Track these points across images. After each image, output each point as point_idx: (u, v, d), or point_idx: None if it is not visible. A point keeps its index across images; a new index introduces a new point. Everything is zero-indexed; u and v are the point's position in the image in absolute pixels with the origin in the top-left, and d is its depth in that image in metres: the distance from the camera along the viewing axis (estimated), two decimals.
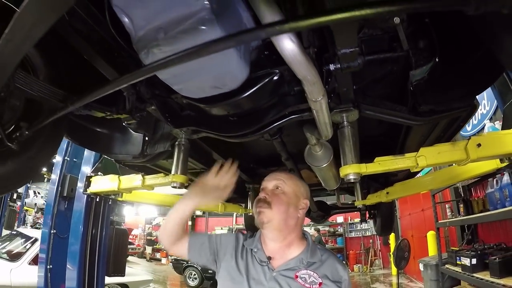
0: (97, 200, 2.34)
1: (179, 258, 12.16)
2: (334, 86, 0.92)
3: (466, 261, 3.71)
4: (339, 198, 3.32)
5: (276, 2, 0.61)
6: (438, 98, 0.98)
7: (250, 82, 0.85)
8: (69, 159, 2.71)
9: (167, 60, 0.47)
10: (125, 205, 3.01)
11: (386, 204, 3.06)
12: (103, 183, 2.13)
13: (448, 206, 5.61)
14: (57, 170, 2.66)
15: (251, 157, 2.01)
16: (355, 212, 4.90)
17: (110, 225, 2.54)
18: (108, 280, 2.54)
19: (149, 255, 14.80)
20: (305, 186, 1.22)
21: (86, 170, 2.45)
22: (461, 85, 0.96)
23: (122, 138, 1.46)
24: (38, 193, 14.32)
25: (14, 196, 11.49)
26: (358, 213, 5.18)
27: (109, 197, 2.37)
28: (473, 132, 5.18)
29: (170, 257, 14.08)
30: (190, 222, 15.38)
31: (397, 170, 1.43)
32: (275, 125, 1.01)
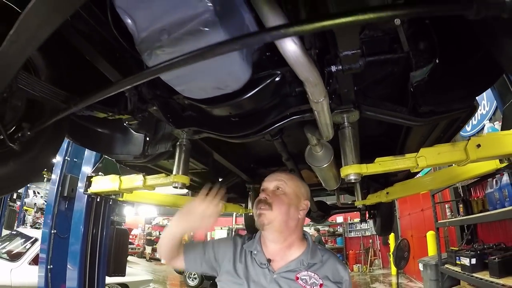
0: (97, 200, 2.34)
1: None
2: (335, 87, 0.93)
3: (465, 261, 3.72)
4: (339, 198, 3.32)
5: (278, 3, 0.62)
6: (438, 99, 0.98)
7: (252, 83, 0.85)
8: (69, 159, 2.70)
9: (173, 62, 0.47)
10: (125, 205, 3.00)
11: (386, 204, 3.06)
12: (104, 183, 2.12)
13: (447, 206, 5.62)
14: (57, 170, 2.65)
15: (252, 157, 2.01)
16: (355, 212, 4.90)
17: (110, 225, 2.54)
18: (108, 280, 2.53)
19: (148, 255, 14.78)
20: (305, 186, 1.21)
21: (86, 170, 2.44)
22: (461, 86, 0.96)
23: (123, 138, 1.45)
24: (38, 193, 14.28)
25: (14, 196, 11.46)
26: (357, 213, 5.19)
27: (109, 197, 2.37)
28: (472, 132, 5.18)
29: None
30: None
31: (397, 170, 1.43)
32: (277, 125, 1.02)
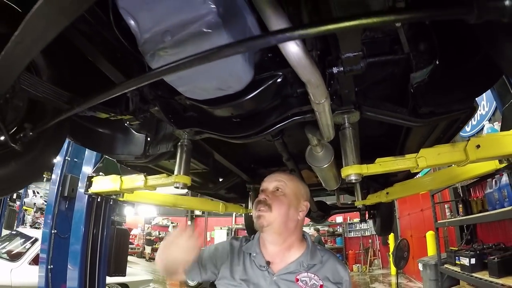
0: (98, 200, 2.34)
1: None
2: (336, 88, 0.93)
3: (465, 261, 3.72)
4: (339, 198, 3.32)
5: (280, 6, 0.62)
6: (438, 100, 0.99)
7: (254, 84, 0.86)
8: (69, 159, 2.70)
9: (178, 63, 0.48)
10: (125, 205, 3.01)
11: (385, 204, 3.07)
12: (105, 184, 2.12)
13: (447, 206, 5.63)
14: (57, 170, 2.65)
15: (252, 157, 2.01)
16: (355, 212, 4.91)
17: (111, 225, 2.54)
18: (108, 280, 2.53)
19: (148, 255, 14.76)
20: (305, 187, 1.19)
21: (87, 170, 2.44)
22: (461, 87, 0.96)
23: (124, 138, 1.45)
24: (37, 192, 14.27)
25: (14, 195, 11.44)
26: (357, 213, 5.19)
27: (110, 197, 2.37)
28: (472, 132, 5.19)
29: None
30: (189, 222, 15.35)
31: (397, 170, 1.43)
32: (278, 126, 1.02)
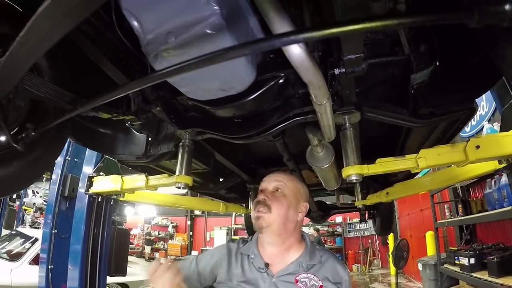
0: (99, 200, 2.34)
1: (178, 258, 12.13)
2: (337, 89, 0.94)
3: (464, 260, 3.73)
4: (339, 198, 3.33)
5: (282, 7, 0.62)
6: (438, 101, 1.00)
7: (256, 84, 0.86)
8: (70, 159, 2.70)
9: (184, 65, 0.48)
10: (126, 205, 3.01)
11: (385, 204, 3.08)
12: (106, 184, 2.12)
13: (446, 206, 5.64)
14: (58, 170, 2.65)
15: (253, 157, 2.01)
16: (355, 212, 4.92)
17: (111, 225, 2.54)
18: (107, 280, 2.53)
19: (148, 255, 14.77)
20: (305, 188, 1.18)
21: (87, 170, 2.44)
22: (461, 88, 0.97)
23: (125, 138, 1.45)
24: (37, 192, 14.26)
25: (13, 195, 11.43)
26: (357, 213, 5.21)
27: (111, 197, 2.38)
28: (472, 133, 5.21)
29: (169, 256, 14.06)
30: (189, 222, 15.36)
31: (397, 171, 1.44)
32: (280, 127, 1.02)
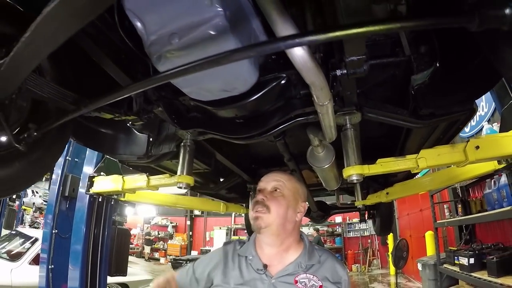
0: (99, 200, 2.34)
1: (178, 258, 12.12)
2: (339, 90, 0.94)
3: (464, 260, 3.74)
4: (339, 198, 3.34)
5: (285, 9, 0.63)
6: (438, 102, 1.00)
7: (259, 85, 0.87)
8: (70, 159, 2.70)
9: (189, 66, 0.49)
10: (126, 205, 3.01)
11: (385, 204, 3.09)
12: (107, 184, 2.12)
13: (446, 206, 5.66)
14: (58, 170, 2.65)
15: (253, 157, 2.02)
16: (354, 212, 4.93)
17: (112, 225, 2.54)
18: (108, 279, 2.54)
19: (147, 255, 14.78)
20: (303, 188, 1.16)
21: (88, 170, 2.44)
22: (460, 89, 0.98)
23: (127, 139, 1.46)
24: (37, 192, 14.24)
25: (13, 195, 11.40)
26: (356, 213, 5.22)
27: (111, 197, 2.38)
28: (471, 133, 5.22)
29: (169, 256, 14.07)
30: (188, 222, 15.36)
31: (398, 171, 1.45)
32: (281, 127, 1.03)
